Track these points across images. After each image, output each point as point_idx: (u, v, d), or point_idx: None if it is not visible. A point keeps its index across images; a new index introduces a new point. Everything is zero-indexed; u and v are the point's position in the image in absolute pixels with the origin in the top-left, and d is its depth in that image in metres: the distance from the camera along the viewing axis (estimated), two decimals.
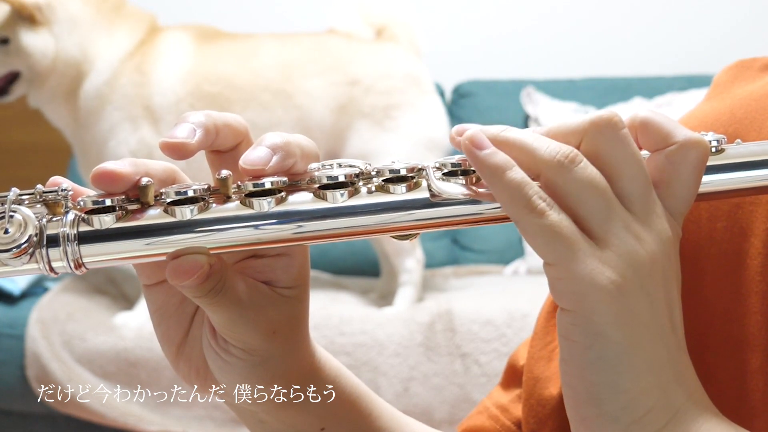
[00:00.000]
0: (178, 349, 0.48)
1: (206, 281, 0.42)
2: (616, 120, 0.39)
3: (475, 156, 0.39)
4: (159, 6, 2.86)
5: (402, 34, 2.10)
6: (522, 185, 0.38)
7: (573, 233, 0.37)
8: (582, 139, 0.39)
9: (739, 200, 0.50)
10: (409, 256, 1.95)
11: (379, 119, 1.98)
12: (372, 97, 1.98)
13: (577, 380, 0.38)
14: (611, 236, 0.38)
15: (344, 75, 2.00)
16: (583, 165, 0.38)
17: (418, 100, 2.01)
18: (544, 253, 0.38)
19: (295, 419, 0.50)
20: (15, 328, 1.88)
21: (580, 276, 0.37)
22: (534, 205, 0.37)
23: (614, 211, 0.38)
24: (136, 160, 0.42)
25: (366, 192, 0.41)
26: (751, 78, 0.56)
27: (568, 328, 0.38)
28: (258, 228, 0.41)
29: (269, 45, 2.08)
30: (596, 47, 2.81)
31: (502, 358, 1.76)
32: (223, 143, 0.44)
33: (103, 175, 0.41)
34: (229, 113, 0.44)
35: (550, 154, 0.38)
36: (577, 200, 0.38)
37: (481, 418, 0.62)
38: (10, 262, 0.40)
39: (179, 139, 0.42)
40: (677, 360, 0.39)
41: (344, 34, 2.08)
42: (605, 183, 0.38)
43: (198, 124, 0.42)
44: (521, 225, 0.38)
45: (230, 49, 2.06)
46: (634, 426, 0.38)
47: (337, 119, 1.98)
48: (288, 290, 0.47)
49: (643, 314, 0.38)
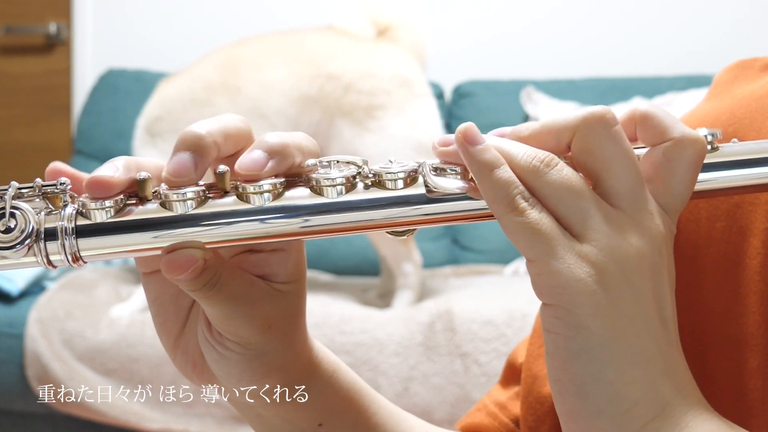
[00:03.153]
0: (175, 341, 0.49)
1: (201, 275, 0.42)
2: (608, 117, 0.39)
3: (467, 151, 0.39)
4: (171, 7, 2.88)
5: (405, 35, 2.10)
6: (507, 184, 0.38)
7: (551, 230, 0.38)
8: (574, 135, 0.40)
9: (738, 200, 0.50)
10: (406, 261, 1.95)
11: (359, 118, 1.98)
12: (353, 96, 1.98)
13: (562, 372, 0.39)
14: (591, 232, 0.38)
15: (315, 67, 2.01)
16: (558, 168, 0.39)
17: (406, 102, 2.01)
18: (524, 249, 0.38)
19: (293, 414, 0.50)
20: (14, 327, 1.88)
21: (558, 270, 0.37)
22: (515, 204, 0.38)
23: (592, 209, 0.38)
24: (129, 160, 0.42)
25: (362, 187, 0.41)
26: (752, 78, 0.56)
27: (550, 321, 0.38)
28: (254, 223, 0.41)
29: (215, 54, 2.17)
30: (596, 47, 2.81)
31: (502, 358, 1.76)
32: (225, 154, 0.44)
33: (98, 183, 0.41)
34: (229, 117, 0.44)
35: (525, 160, 0.39)
36: (555, 201, 0.39)
37: (480, 415, 0.62)
38: (8, 255, 0.40)
39: (181, 177, 0.41)
40: (667, 354, 0.39)
41: (340, 31, 2.09)
42: (581, 182, 0.39)
43: (199, 149, 0.42)
44: (502, 222, 0.39)
45: (179, 74, 2.17)
46: (621, 418, 0.38)
47: (305, 109, 1.99)
48: (284, 285, 0.47)
49: (627, 307, 0.38)
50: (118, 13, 2.96)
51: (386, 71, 2.02)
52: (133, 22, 2.94)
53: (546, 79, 2.63)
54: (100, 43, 2.97)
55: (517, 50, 2.82)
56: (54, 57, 3.02)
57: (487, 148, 0.39)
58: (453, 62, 2.72)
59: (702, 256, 0.51)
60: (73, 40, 2.99)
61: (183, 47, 2.65)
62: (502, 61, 2.79)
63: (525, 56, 2.81)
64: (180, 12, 2.92)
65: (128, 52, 2.85)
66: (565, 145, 0.40)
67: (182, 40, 2.63)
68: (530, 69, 2.72)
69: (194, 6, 2.92)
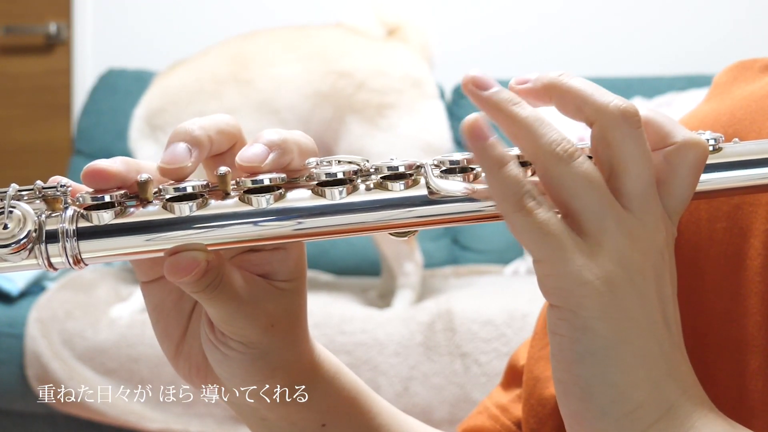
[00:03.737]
0: (177, 347, 0.48)
1: (204, 277, 0.42)
2: (636, 118, 0.39)
3: (475, 146, 0.38)
4: (171, 7, 2.88)
5: (414, 35, 2.10)
6: (515, 182, 0.38)
7: (560, 231, 0.37)
8: (597, 120, 0.39)
9: (738, 201, 0.50)
10: (407, 260, 1.95)
11: (370, 116, 1.98)
12: (365, 94, 1.98)
13: (566, 374, 0.38)
14: (602, 233, 0.38)
15: (328, 64, 2.00)
16: (581, 160, 0.38)
17: (416, 102, 2.01)
18: (532, 250, 0.38)
19: (297, 416, 0.50)
20: (14, 327, 1.88)
21: (566, 273, 0.37)
22: (523, 204, 0.37)
23: (608, 208, 0.38)
24: (129, 159, 0.42)
25: (364, 189, 0.41)
26: (752, 79, 0.56)
27: (556, 323, 0.38)
28: (256, 225, 0.41)
29: (222, 45, 2.14)
30: (596, 47, 2.81)
31: (502, 358, 1.76)
32: (218, 149, 0.44)
33: (94, 172, 0.41)
34: (219, 116, 0.44)
35: (550, 144, 0.38)
36: (572, 194, 0.38)
37: (481, 418, 0.62)
38: (9, 258, 0.40)
39: (176, 164, 0.42)
40: (671, 356, 0.39)
41: (350, 29, 2.09)
42: (601, 180, 0.38)
43: (193, 141, 0.42)
44: (510, 221, 0.38)
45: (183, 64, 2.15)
46: (625, 420, 0.38)
47: (316, 106, 1.99)
48: (285, 283, 0.47)
49: (632, 309, 0.38)
50: (118, 13, 2.96)
51: (397, 71, 2.02)
52: (133, 22, 2.94)
53: None
54: (100, 43, 2.97)
55: (517, 50, 2.82)
56: (54, 57, 3.02)
57: (496, 144, 0.38)
58: (453, 62, 2.71)
59: (702, 257, 0.51)
60: (73, 40, 2.99)
61: (183, 47, 2.64)
62: (502, 61, 2.79)
63: (525, 56, 2.81)
64: (180, 12, 2.92)
65: (128, 52, 2.85)
66: (583, 118, 0.40)
67: (182, 40, 2.63)
68: (530, 69, 2.71)
69: (194, 6, 2.92)
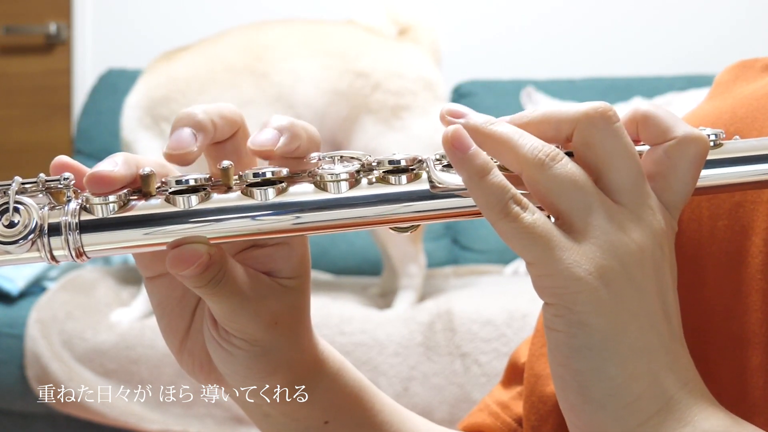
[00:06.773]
0: (181, 343, 0.48)
1: (206, 271, 0.42)
2: (610, 113, 0.39)
3: (455, 157, 0.39)
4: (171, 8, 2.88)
5: (424, 36, 2.11)
6: (498, 190, 0.38)
7: (548, 231, 0.38)
8: (574, 129, 0.40)
9: (740, 199, 0.50)
10: (412, 262, 1.95)
11: (385, 117, 1.98)
12: (380, 95, 1.98)
13: (564, 369, 0.39)
14: (592, 228, 0.38)
15: (345, 62, 2.01)
16: (563, 162, 0.39)
17: (429, 104, 2.01)
18: (522, 253, 0.38)
19: (300, 412, 0.50)
20: (14, 327, 1.88)
21: (558, 271, 0.37)
22: (508, 210, 0.38)
23: (595, 204, 0.38)
24: (129, 157, 0.42)
25: (366, 183, 0.41)
26: (753, 78, 0.57)
27: (551, 320, 0.39)
28: (258, 218, 0.41)
29: (234, 34, 2.12)
30: (596, 47, 2.81)
31: (502, 358, 1.76)
32: (221, 136, 0.44)
33: (98, 179, 0.41)
34: (222, 103, 0.45)
35: (531, 152, 0.39)
36: (558, 196, 0.38)
37: (482, 415, 0.62)
38: (11, 250, 0.40)
39: (182, 150, 0.42)
40: (671, 348, 0.39)
41: (363, 27, 2.09)
42: (586, 177, 0.39)
43: (197, 126, 0.43)
44: (497, 228, 0.38)
45: (187, 52, 2.12)
46: (623, 412, 0.38)
47: (333, 104, 1.99)
48: (289, 280, 0.47)
49: (629, 302, 0.38)
50: (118, 13, 2.96)
51: (412, 73, 2.03)
52: (133, 22, 2.94)
53: (546, 79, 2.64)
54: (100, 43, 2.97)
55: (517, 50, 2.82)
56: (54, 57, 3.02)
57: (477, 153, 0.39)
58: (453, 62, 2.71)
59: (704, 254, 0.51)
60: (73, 40, 2.99)
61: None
62: (502, 61, 2.79)
63: (525, 56, 2.81)
64: (180, 12, 2.92)
65: (128, 52, 2.85)
66: (564, 137, 0.40)
67: (182, 40, 2.62)
68: (530, 69, 2.73)
69: (194, 6, 2.92)
